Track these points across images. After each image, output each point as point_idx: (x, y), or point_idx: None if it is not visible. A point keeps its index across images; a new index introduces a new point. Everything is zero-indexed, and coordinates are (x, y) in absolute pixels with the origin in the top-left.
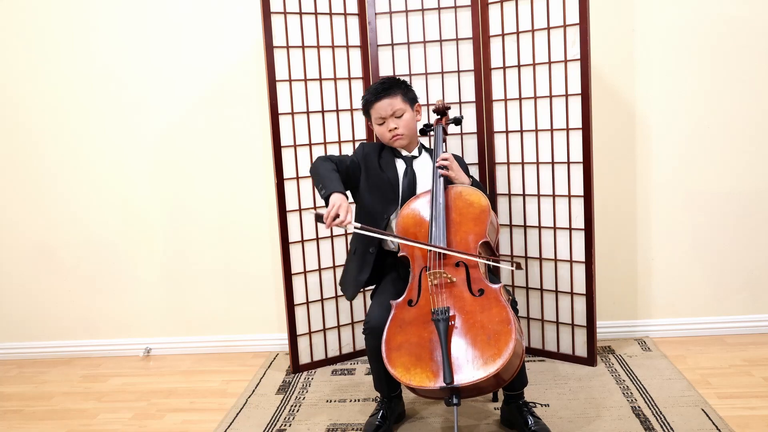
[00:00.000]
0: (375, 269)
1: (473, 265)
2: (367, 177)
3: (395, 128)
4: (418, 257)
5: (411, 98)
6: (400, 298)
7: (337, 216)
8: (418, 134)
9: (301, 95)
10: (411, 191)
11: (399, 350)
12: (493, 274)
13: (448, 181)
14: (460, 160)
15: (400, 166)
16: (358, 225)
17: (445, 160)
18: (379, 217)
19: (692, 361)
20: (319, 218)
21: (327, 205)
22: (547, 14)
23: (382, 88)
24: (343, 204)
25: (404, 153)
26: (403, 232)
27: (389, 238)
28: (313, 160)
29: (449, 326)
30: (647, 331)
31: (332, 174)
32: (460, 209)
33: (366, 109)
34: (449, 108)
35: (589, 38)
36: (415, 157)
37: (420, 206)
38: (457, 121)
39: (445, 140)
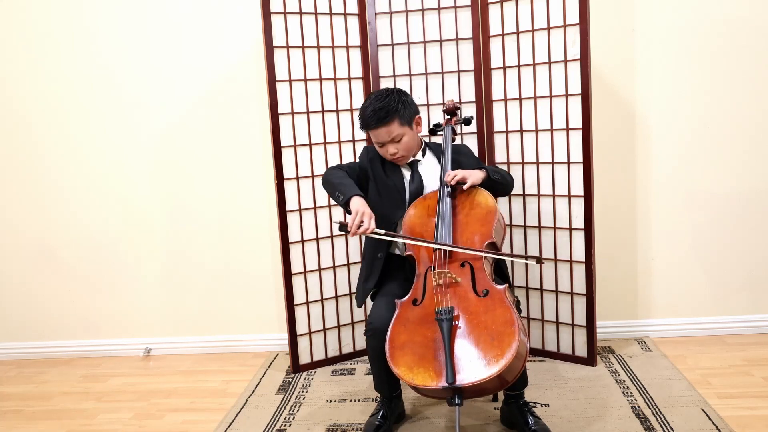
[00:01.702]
0: (381, 274)
1: (478, 266)
2: (375, 182)
3: (395, 152)
4: (424, 257)
5: (409, 116)
6: (405, 298)
7: (361, 224)
8: (428, 134)
9: (301, 95)
10: (419, 194)
11: (402, 349)
12: (498, 275)
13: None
14: (461, 151)
15: (406, 171)
16: (382, 231)
17: (454, 178)
18: (387, 221)
19: (692, 361)
20: (342, 228)
21: (346, 211)
22: (547, 14)
23: (377, 117)
24: (365, 211)
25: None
26: (410, 232)
27: (418, 243)
28: (324, 170)
29: (453, 326)
30: (647, 331)
31: (345, 179)
32: (466, 210)
33: (363, 129)
34: (459, 108)
35: (589, 38)
36: (419, 160)
37: (427, 206)
38: (467, 121)
39: (454, 140)
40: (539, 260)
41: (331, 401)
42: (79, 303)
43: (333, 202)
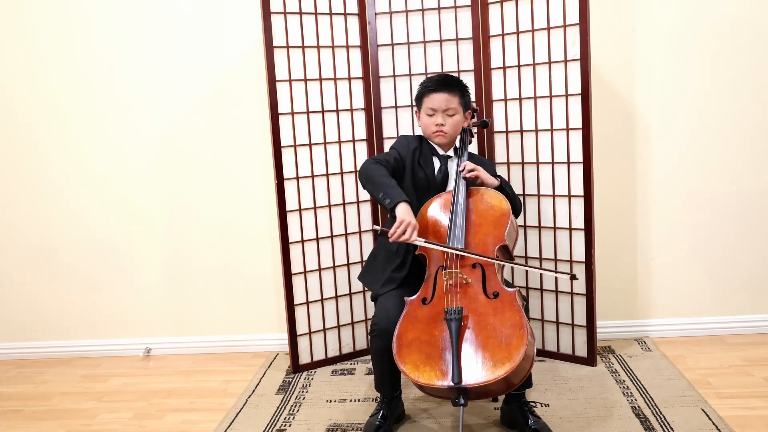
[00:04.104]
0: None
1: (490, 268)
2: (411, 172)
3: (442, 125)
4: (436, 256)
5: (466, 103)
6: (415, 296)
7: (403, 233)
8: None
9: (301, 95)
10: (442, 188)
11: (410, 347)
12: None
13: (472, 183)
14: (484, 161)
15: (436, 163)
16: (422, 240)
17: (472, 170)
18: (417, 211)
19: (692, 361)
20: (383, 234)
21: (390, 215)
22: (547, 14)
23: (445, 81)
24: (411, 221)
25: (441, 152)
26: (423, 231)
27: (457, 252)
28: (361, 164)
29: (461, 326)
30: (647, 331)
31: (389, 179)
32: (480, 211)
33: (420, 96)
34: (476, 110)
35: (589, 38)
36: (450, 157)
37: (441, 206)
38: (485, 124)
39: (470, 142)
40: (573, 276)
41: (331, 401)
42: (79, 303)
43: (333, 203)
